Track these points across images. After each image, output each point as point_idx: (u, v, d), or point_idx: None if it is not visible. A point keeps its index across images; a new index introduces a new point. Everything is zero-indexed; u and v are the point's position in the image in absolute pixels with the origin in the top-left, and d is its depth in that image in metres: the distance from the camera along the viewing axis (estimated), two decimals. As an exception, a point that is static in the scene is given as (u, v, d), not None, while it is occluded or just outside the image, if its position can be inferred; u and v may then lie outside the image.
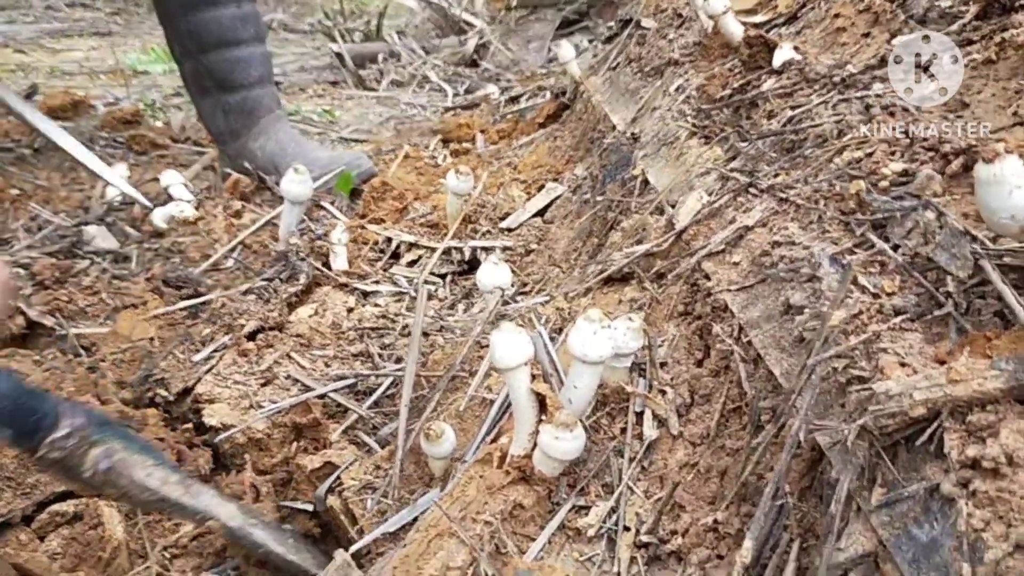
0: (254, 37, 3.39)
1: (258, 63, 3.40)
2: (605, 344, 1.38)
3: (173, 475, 1.49)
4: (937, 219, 1.18)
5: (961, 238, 1.13)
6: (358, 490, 1.59)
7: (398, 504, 1.56)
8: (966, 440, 0.96)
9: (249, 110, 3.39)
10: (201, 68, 3.32)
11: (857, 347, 1.16)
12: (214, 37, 3.24)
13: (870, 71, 1.84)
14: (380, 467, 1.64)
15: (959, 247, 1.12)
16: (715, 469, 1.42)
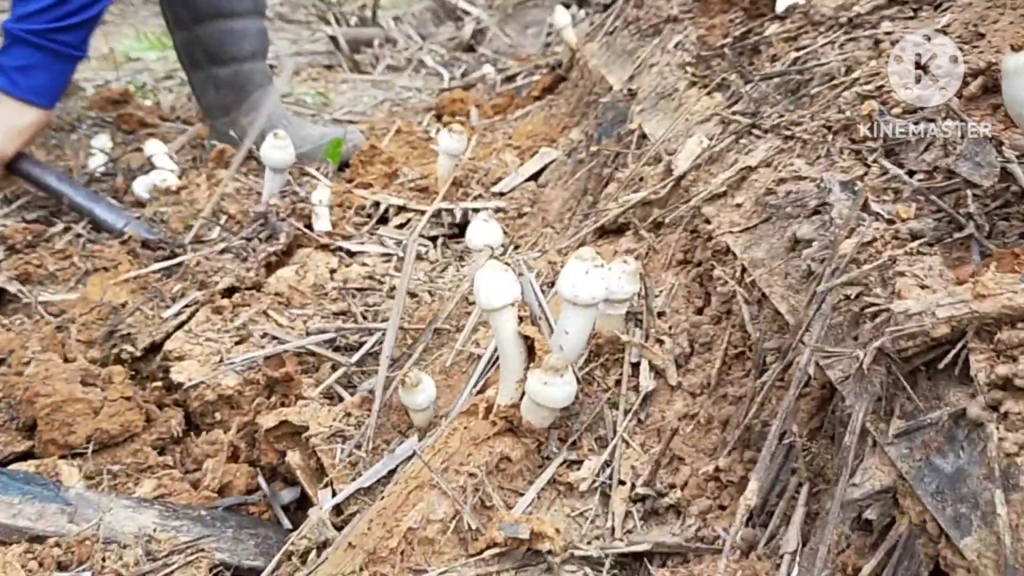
0: (251, 10, 3.28)
1: (253, 37, 3.30)
2: (598, 285, 1.28)
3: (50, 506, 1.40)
4: (958, 128, 1.09)
5: (985, 144, 1.03)
6: (327, 438, 1.48)
7: (372, 456, 1.46)
8: (995, 360, 0.87)
9: (240, 85, 3.29)
10: (194, 39, 3.22)
11: (871, 273, 1.07)
12: (208, 7, 3.13)
13: (878, 11, 1.74)
14: (351, 414, 1.54)
15: (983, 154, 1.02)
16: (716, 419, 1.32)
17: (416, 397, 1.46)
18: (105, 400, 1.63)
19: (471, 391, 1.51)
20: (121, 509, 1.42)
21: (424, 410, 1.49)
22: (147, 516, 1.42)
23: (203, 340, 1.81)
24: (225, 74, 3.26)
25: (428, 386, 1.46)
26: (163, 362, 1.78)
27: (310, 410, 1.56)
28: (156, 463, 1.62)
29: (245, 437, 1.63)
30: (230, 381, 1.70)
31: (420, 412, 1.49)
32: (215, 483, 1.54)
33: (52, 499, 1.39)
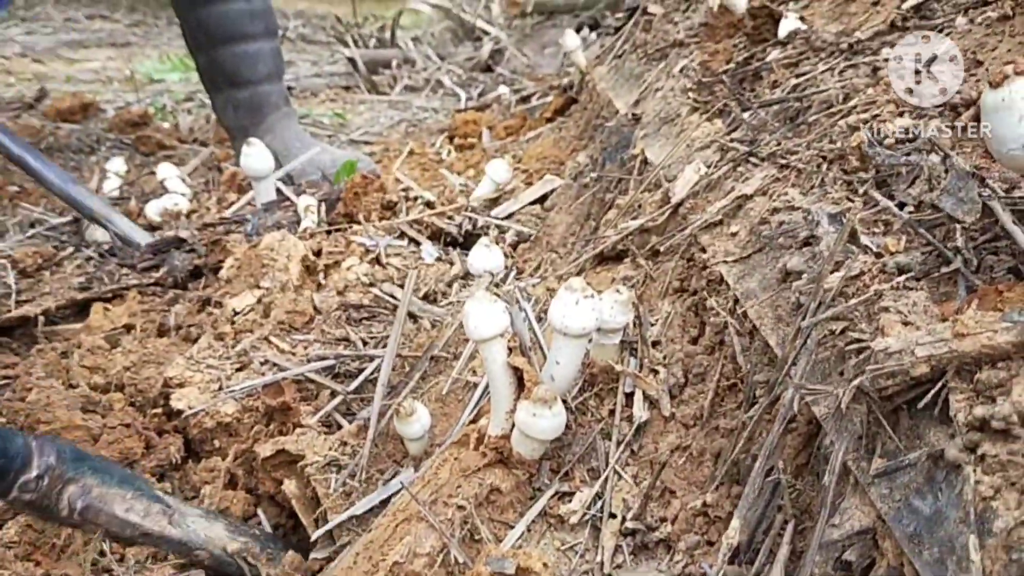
0: (263, 32, 3.32)
1: (267, 59, 3.33)
2: (588, 315, 1.28)
3: (155, 505, 1.43)
4: (942, 162, 1.08)
5: (968, 180, 1.02)
6: (322, 467, 1.48)
7: (365, 485, 1.45)
8: (974, 400, 0.85)
9: (256, 106, 3.33)
10: (212, 62, 3.28)
11: (857, 308, 1.05)
12: (222, 32, 3.19)
13: (879, 37, 1.73)
14: (346, 443, 1.54)
15: (966, 189, 1.01)
16: (709, 452, 1.31)
17: (411, 427, 1.45)
18: (104, 427, 1.64)
19: (466, 422, 1.50)
20: (198, 518, 1.46)
21: (419, 439, 1.49)
22: (218, 527, 1.47)
23: (204, 367, 1.81)
24: (243, 96, 3.30)
25: (423, 415, 1.46)
26: (164, 388, 1.78)
27: (307, 439, 1.56)
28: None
29: (243, 464, 1.63)
30: (229, 408, 1.70)
31: (415, 441, 1.49)
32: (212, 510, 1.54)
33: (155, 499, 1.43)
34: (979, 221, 1.03)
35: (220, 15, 3.17)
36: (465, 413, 1.54)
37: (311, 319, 2.00)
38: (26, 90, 5.38)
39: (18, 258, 2.44)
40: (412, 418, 1.43)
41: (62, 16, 9.39)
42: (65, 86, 5.95)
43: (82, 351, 1.97)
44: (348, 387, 1.74)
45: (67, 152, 4.08)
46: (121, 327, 2.09)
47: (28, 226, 2.91)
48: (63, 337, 2.15)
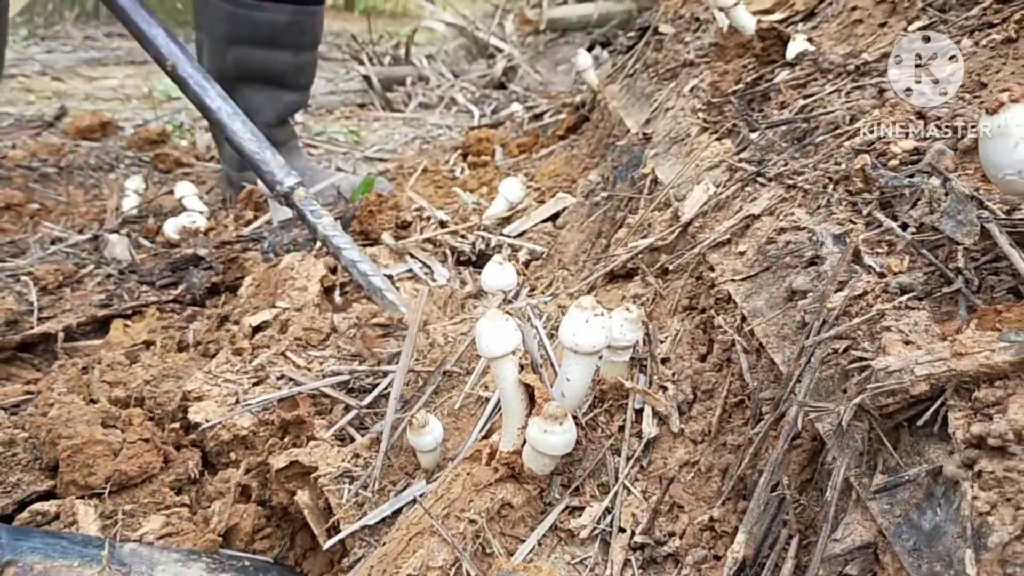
0: (303, 85, 3.33)
1: (291, 108, 3.35)
2: (598, 333, 1.30)
3: (107, 571, 1.42)
4: (942, 185, 1.10)
5: (967, 203, 1.04)
6: (335, 478, 1.51)
7: (377, 496, 1.48)
8: (972, 418, 0.88)
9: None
10: (232, 94, 3.27)
11: (860, 327, 1.08)
12: (260, 75, 3.18)
13: (886, 59, 1.75)
14: (359, 455, 1.56)
15: (965, 212, 1.03)
16: (716, 467, 1.33)
17: (423, 439, 1.48)
18: (124, 442, 1.67)
19: (478, 436, 1.53)
20: (171, 564, 1.46)
21: (431, 451, 1.52)
22: (195, 570, 1.47)
23: (222, 381, 1.85)
24: None
25: (435, 428, 1.49)
26: (183, 402, 1.82)
27: (320, 451, 1.59)
28: (173, 503, 1.66)
29: (258, 476, 1.66)
30: (245, 422, 1.73)
31: (427, 453, 1.52)
32: (221, 526, 1.57)
33: (109, 561, 1.43)
34: (980, 242, 1.05)
35: (264, 59, 3.16)
36: (477, 428, 1.57)
37: (327, 336, 2.03)
38: (46, 108, 5.46)
39: (40, 275, 2.49)
40: (425, 430, 1.46)
41: (81, 34, 9.51)
42: (84, 104, 6.03)
43: (102, 367, 2.01)
44: (362, 401, 1.77)
45: (86, 170, 4.14)
46: (141, 343, 2.14)
47: (49, 243, 2.96)
48: (84, 353, 2.20)
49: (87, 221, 3.29)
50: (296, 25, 3.13)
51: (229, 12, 3.08)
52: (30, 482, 1.66)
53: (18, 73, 6.99)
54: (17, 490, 1.64)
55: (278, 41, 3.13)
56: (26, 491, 1.65)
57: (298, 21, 3.12)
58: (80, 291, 2.48)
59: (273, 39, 3.11)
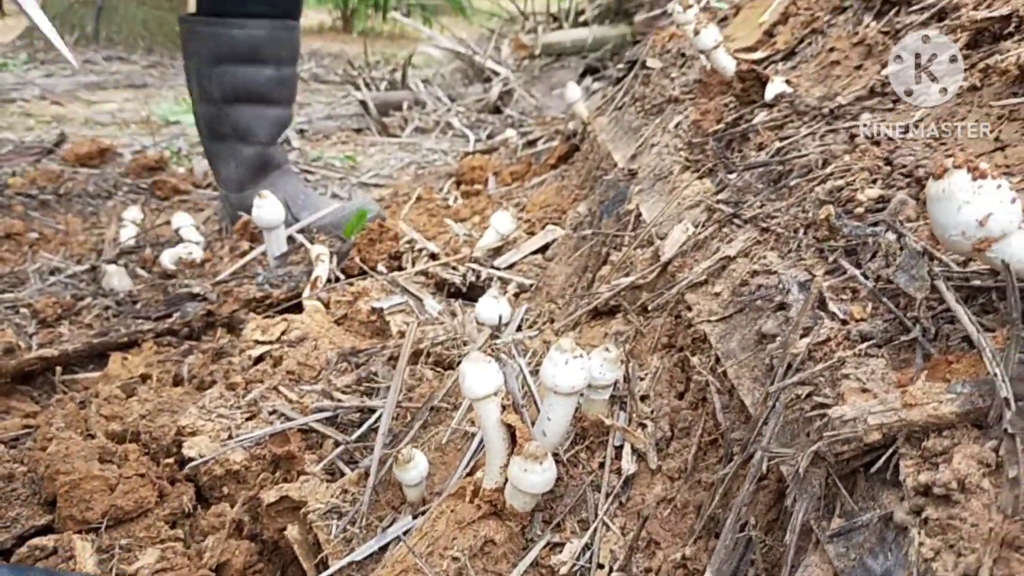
0: (287, 99, 3.40)
1: (281, 124, 3.41)
2: (577, 374, 1.35)
3: None
4: (897, 240, 1.15)
5: (919, 259, 1.09)
6: (323, 514, 1.55)
7: (365, 532, 1.53)
8: (920, 466, 0.93)
9: (262, 165, 3.41)
10: (221, 116, 3.34)
11: (822, 374, 1.13)
12: (244, 92, 3.25)
13: (859, 102, 1.82)
14: (347, 491, 1.61)
15: (918, 267, 1.09)
16: (691, 504, 1.38)
17: (408, 473, 1.53)
18: (120, 477, 1.72)
19: (463, 471, 1.58)
20: None
21: (416, 486, 1.56)
22: None
23: (215, 416, 1.90)
24: (248, 153, 3.37)
25: (420, 462, 1.53)
26: (177, 436, 1.87)
27: (309, 486, 1.64)
28: (168, 537, 1.70)
29: (249, 511, 1.71)
30: (237, 457, 1.78)
31: (413, 488, 1.56)
32: (213, 560, 1.61)
33: None
34: (934, 293, 1.11)
35: (246, 76, 3.23)
36: (462, 464, 1.61)
37: (319, 372, 2.08)
38: (45, 134, 5.52)
39: (39, 308, 2.54)
40: (410, 465, 1.50)
41: (81, 58, 9.60)
42: (83, 129, 6.10)
43: (100, 400, 2.06)
44: (350, 436, 1.82)
45: (85, 198, 4.20)
46: (138, 376, 2.19)
47: (48, 273, 3.01)
48: (82, 385, 2.25)
49: (85, 251, 3.34)
50: (275, 40, 3.21)
51: (210, 33, 3.18)
52: (28, 516, 1.71)
53: (17, 97, 7.06)
54: (16, 525, 1.68)
55: (259, 56, 3.21)
56: (25, 526, 1.69)
57: (276, 36, 3.21)
58: (78, 323, 2.53)
59: (253, 55, 3.19)
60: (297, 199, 3.28)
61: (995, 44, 1.70)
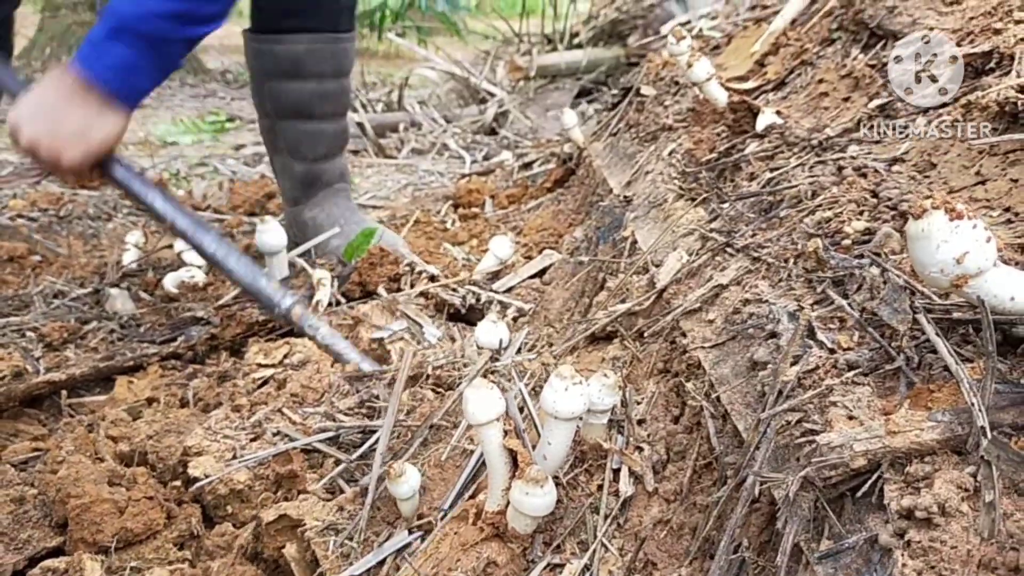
0: (331, 114, 3.36)
1: (328, 139, 3.39)
2: (577, 400, 1.40)
3: None
4: (881, 275, 1.21)
5: (901, 293, 1.15)
6: (321, 531, 1.60)
7: (363, 547, 1.57)
8: (904, 491, 0.98)
9: (310, 182, 3.40)
10: (274, 130, 3.35)
11: (811, 401, 1.19)
12: (290, 107, 3.26)
13: (847, 134, 1.88)
14: (344, 508, 1.66)
15: (899, 302, 1.15)
16: (687, 526, 1.43)
17: (401, 487, 1.57)
18: (130, 500, 1.76)
19: (463, 485, 1.63)
20: None
21: (409, 499, 1.60)
22: None
23: (220, 437, 1.94)
24: (299, 169, 3.37)
25: (412, 476, 1.57)
26: (183, 457, 1.91)
27: (308, 504, 1.69)
28: (176, 558, 1.74)
29: (252, 530, 1.75)
30: (241, 476, 1.83)
31: (406, 501, 1.61)
32: (221, 583, 1.66)
33: None
34: (917, 325, 1.16)
35: (290, 91, 3.24)
36: (461, 479, 1.66)
37: (323, 394, 2.13)
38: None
39: (45, 332, 2.59)
40: (402, 479, 1.55)
41: (79, 79, 9.65)
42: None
43: (107, 423, 2.11)
44: (351, 455, 1.87)
45: (85, 219, 4.25)
46: (144, 400, 2.23)
47: (52, 297, 3.05)
48: (89, 409, 2.29)
49: (87, 273, 3.37)
50: (314, 54, 3.22)
51: (255, 48, 3.21)
52: (40, 538, 1.75)
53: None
54: (28, 546, 1.72)
55: (300, 71, 3.21)
56: (36, 547, 1.73)
57: (316, 50, 3.21)
58: (84, 346, 2.57)
59: (295, 70, 3.20)
60: (338, 221, 3.28)
61: (977, 79, 1.77)
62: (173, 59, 2.34)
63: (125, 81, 2.26)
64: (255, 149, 6.21)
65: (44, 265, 3.48)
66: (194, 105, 8.72)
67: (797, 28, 2.60)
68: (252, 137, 6.85)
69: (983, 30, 1.84)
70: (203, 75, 10.62)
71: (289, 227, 3.29)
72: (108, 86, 2.24)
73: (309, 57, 3.18)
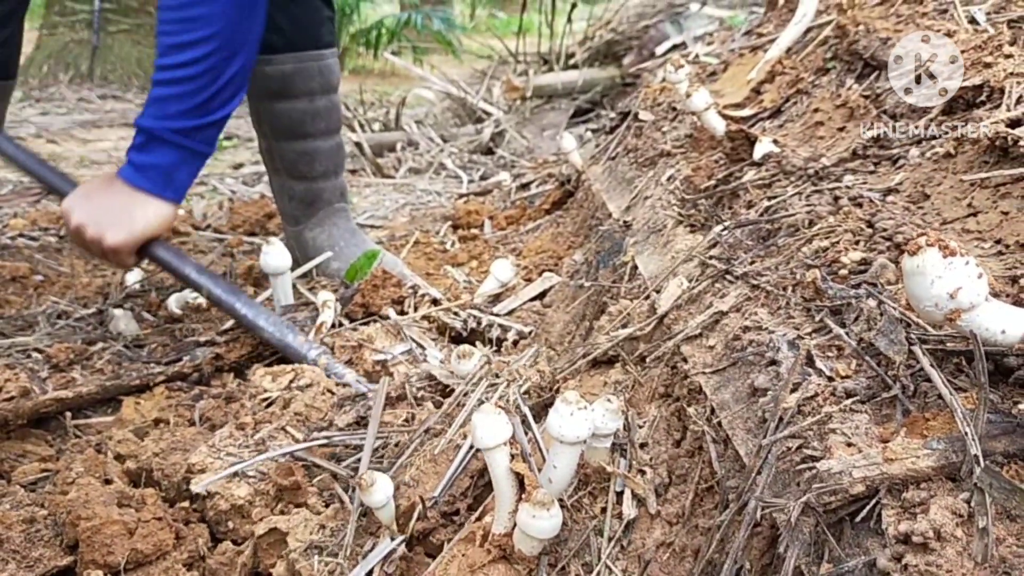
0: (323, 131, 3.38)
1: (324, 157, 3.42)
2: (582, 425, 1.44)
3: None
4: (878, 307, 1.26)
5: (897, 325, 1.20)
6: (303, 551, 1.63)
7: (349, 562, 1.61)
8: (900, 516, 1.02)
9: (310, 201, 3.43)
10: (272, 151, 3.40)
11: (811, 427, 1.23)
12: (283, 127, 3.30)
13: (842, 164, 1.93)
14: (324, 526, 1.69)
15: (895, 333, 1.19)
16: (689, 548, 1.47)
17: (373, 496, 1.59)
18: (139, 521, 1.79)
19: (453, 474, 1.69)
20: None
21: (384, 507, 1.62)
22: None
23: (224, 454, 1.98)
24: (298, 189, 3.40)
25: (382, 484, 1.59)
26: (187, 474, 1.94)
27: (298, 518, 1.72)
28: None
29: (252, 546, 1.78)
30: (242, 492, 1.86)
31: (381, 510, 1.63)
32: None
33: None
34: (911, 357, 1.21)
35: (283, 111, 3.28)
36: (450, 470, 1.70)
37: (326, 413, 2.17)
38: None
39: (52, 353, 2.62)
40: (373, 488, 1.58)
41: (75, 96, 9.72)
42: (80, 168, 6.19)
43: (114, 443, 2.14)
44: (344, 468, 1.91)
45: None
46: (151, 421, 2.26)
47: (56, 317, 3.08)
48: (96, 430, 2.32)
49: (90, 293, 3.40)
50: (302, 72, 3.27)
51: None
52: (51, 557, 1.78)
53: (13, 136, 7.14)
54: (39, 564, 1.75)
55: (290, 90, 3.26)
56: (47, 566, 1.76)
57: (303, 68, 3.26)
58: (90, 367, 2.60)
59: (285, 89, 3.25)
60: (338, 243, 3.32)
61: (968, 112, 1.82)
62: (210, 144, 2.54)
63: (169, 183, 2.49)
64: (254, 168, 6.26)
65: (47, 285, 3.51)
66: (191, 124, 8.77)
67: (792, 56, 2.66)
68: (250, 155, 6.89)
69: (973, 63, 1.89)
70: (200, 94, 10.68)
71: (290, 247, 3.32)
72: (154, 191, 2.48)
73: (297, 76, 3.24)
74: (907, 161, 1.81)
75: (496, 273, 2.78)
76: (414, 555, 1.65)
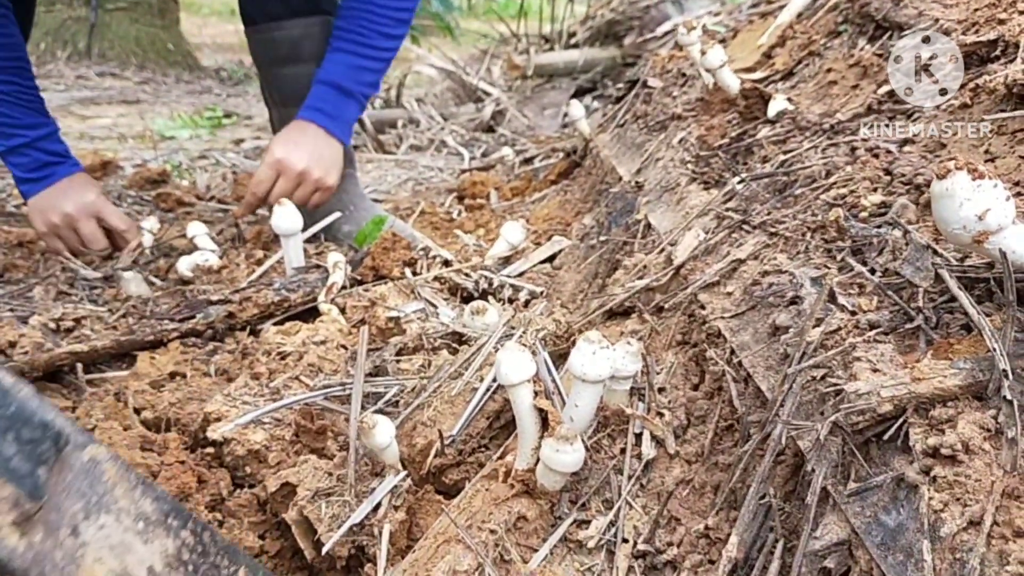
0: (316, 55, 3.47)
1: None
2: (604, 364, 1.47)
3: None
4: (903, 237, 1.28)
5: (924, 251, 1.22)
6: (311, 498, 1.66)
7: (356, 502, 1.63)
8: (928, 432, 1.05)
9: None
10: (284, 118, 3.36)
11: (834, 358, 1.25)
12: (295, 92, 3.28)
13: (858, 118, 1.95)
14: (332, 474, 1.71)
15: (922, 260, 1.22)
16: (709, 484, 1.49)
17: (375, 438, 1.62)
18: (162, 464, 1.81)
19: (470, 414, 1.72)
20: None
21: (387, 447, 1.65)
22: None
23: (240, 403, 2.00)
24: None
25: (384, 427, 1.62)
26: (204, 423, 1.97)
27: (306, 468, 1.74)
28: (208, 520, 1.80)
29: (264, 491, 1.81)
30: (258, 436, 1.89)
31: (385, 450, 1.66)
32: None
33: None
34: (936, 285, 1.23)
35: (292, 76, 3.30)
36: (468, 409, 1.73)
37: (339, 365, 2.19)
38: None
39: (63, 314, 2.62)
40: (375, 431, 1.60)
41: (74, 74, 9.68)
42: (81, 143, 6.17)
43: (131, 392, 2.16)
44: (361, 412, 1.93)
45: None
46: (167, 375, 2.28)
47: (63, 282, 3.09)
48: (111, 384, 2.34)
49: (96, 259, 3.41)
50: (309, 37, 3.29)
51: (255, 40, 3.32)
52: None
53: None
54: None
55: (299, 55, 3.28)
56: None
57: (310, 33, 3.28)
58: (103, 324, 2.61)
59: (294, 54, 3.28)
60: (348, 207, 3.34)
61: (983, 66, 1.84)
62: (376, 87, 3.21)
63: (349, 132, 3.20)
64: (255, 143, 6.27)
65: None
66: (190, 101, 8.75)
67: (803, 21, 2.68)
68: (250, 132, 6.90)
69: (988, 20, 1.92)
70: (198, 72, 10.67)
71: (303, 212, 3.33)
72: (342, 137, 3.13)
73: (305, 40, 3.27)
74: (922, 114, 1.84)
75: (506, 235, 2.80)
76: (424, 492, 1.68)
